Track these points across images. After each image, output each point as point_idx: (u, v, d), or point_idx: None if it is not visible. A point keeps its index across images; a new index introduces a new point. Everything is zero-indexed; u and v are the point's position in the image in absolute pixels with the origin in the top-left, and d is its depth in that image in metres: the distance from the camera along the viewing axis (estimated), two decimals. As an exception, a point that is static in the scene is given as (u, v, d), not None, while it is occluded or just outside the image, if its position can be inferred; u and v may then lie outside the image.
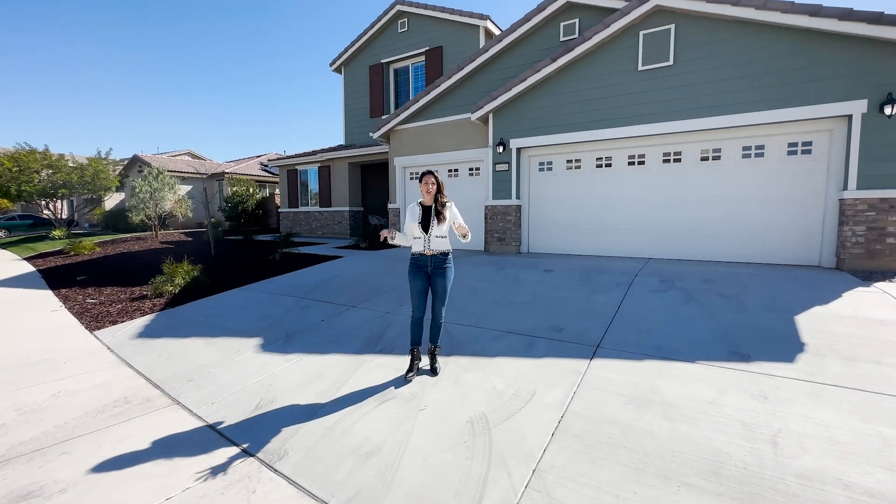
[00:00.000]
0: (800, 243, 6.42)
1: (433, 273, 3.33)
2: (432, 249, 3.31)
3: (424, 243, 3.32)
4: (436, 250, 3.31)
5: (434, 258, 3.32)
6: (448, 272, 3.35)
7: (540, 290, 5.52)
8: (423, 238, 3.32)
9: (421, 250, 3.34)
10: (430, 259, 3.33)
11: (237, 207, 18.97)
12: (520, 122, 8.26)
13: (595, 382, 3.09)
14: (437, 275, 3.33)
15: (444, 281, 3.33)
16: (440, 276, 3.32)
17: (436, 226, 3.29)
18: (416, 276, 3.37)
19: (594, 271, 6.33)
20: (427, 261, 3.34)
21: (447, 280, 3.34)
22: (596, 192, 7.96)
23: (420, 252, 3.35)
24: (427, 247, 3.31)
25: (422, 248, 3.33)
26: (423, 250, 3.33)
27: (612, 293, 5.17)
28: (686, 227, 7.22)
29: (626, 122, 7.26)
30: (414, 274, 3.38)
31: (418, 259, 3.36)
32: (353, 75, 13.85)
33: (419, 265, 3.36)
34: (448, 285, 3.37)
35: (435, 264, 3.33)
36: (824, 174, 6.19)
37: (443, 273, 3.32)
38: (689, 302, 4.68)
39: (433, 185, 3.36)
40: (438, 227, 3.30)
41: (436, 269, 3.32)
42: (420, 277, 3.36)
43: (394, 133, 10.45)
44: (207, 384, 3.49)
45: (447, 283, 3.35)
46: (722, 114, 6.54)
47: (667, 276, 5.84)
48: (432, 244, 3.30)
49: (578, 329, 4.12)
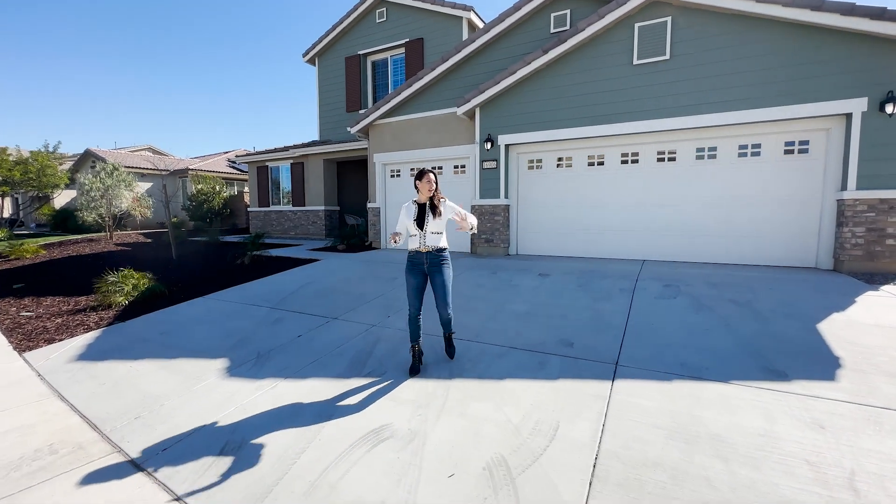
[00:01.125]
0: (796, 244, 6.28)
1: (430, 270, 3.29)
2: (428, 245, 3.27)
3: (420, 240, 3.28)
4: (431, 246, 3.27)
5: (430, 255, 3.28)
6: (445, 269, 3.31)
7: (539, 297, 5.10)
8: (418, 235, 3.29)
9: (416, 247, 3.30)
10: (425, 256, 3.28)
11: (202, 206, 17.79)
12: (509, 117, 7.85)
13: (625, 411, 2.67)
14: (434, 272, 3.28)
15: (442, 278, 3.28)
16: (438, 274, 3.28)
17: (431, 221, 3.27)
18: (412, 273, 3.33)
19: (592, 275, 5.98)
20: (423, 258, 3.29)
21: (445, 277, 3.29)
22: (588, 191, 7.64)
23: (416, 249, 3.31)
24: (423, 243, 3.28)
25: (417, 245, 3.30)
26: (419, 247, 3.29)
27: (616, 300, 4.80)
28: (681, 228, 6.99)
29: (620, 119, 6.96)
30: (409, 271, 3.34)
31: (414, 257, 3.33)
32: (328, 67, 13.11)
33: (415, 263, 3.32)
34: (448, 282, 3.31)
35: (431, 261, 3.28)
36: (822, 174, 6.06)
37: (440, 270, 3.28)
38: (701, 310, 4.35)
39: (434, 182, 3.30)
40: (434, 223, 3.27)
41: (432, 266, 3.28)
42: (416, 275, 3.32)
43: (373, 128, 9.85)
44: (159, 423, 2.86)
45: (446, 281, 3.29)
46: (719, 111, 6.32)
47: (669, 280, 5.54)
48: (428, 240, 3.27)
49: (590, 343, 3.71)
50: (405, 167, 9.66)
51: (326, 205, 12.91)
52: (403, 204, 3.44)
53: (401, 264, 7.56)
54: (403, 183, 9.71)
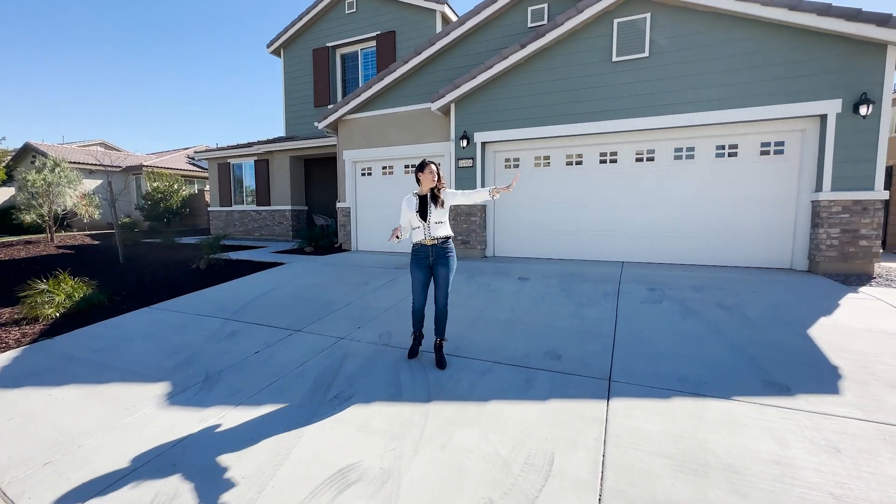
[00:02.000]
0: (772, 246, 6.27)
1: (435, 263, 3.26)
2: (433, 237, 3.24)
3: (425, 231, 3.25)
4: (437, 237, 3.24)
5: (435, 247, 3.26)
6: (451, 261, 3.29)
7: (520, 303, 4.80)
8: (422, 227, 3.25)
9: (421, 239, 3.27)
10: (431, 249, 3.26)
11: (158, 206, 16.66)
12: (485, 113, 7.55)
13: (625, 437, 2.38)
14: (439, 264, 3.26)
15: (446, 270, 3.26)
16: (443, 266, 3.26)
17: (434, 210, 3.24)
18: (418, 267, 3.31)
19: (573, 278, 5.75)
20: (428, 251, 3.26)
21: (450, 269, 3.28)
22: (566, 191, 7.45)
23: (420, 242, 3.28)
24: (428, 234, 3.24)
25: (422, 237, 3.26)
26: (424, 239, 3.26)
27: (601, 305, 4.57)
28: (659, 229, 6.89)
29: (599, 117, 6.78)
30: (415, 265, 3.31)
31: (419, 250, 3.30)
32: (294, 59, 12.44)
33: (420, 256, 3.29)
34: (451, 275, 3.30)
35: (437, 253, 3.26)
36: (796, 175, 6.07)
37: (445, 262, 3.26)
38: (688, 315, 4.17)
39: (435, 173, 3.25)
40: (437, 212, 3.24)
41: (438, 258, 3.26)
42: (421, 269, 3.30)
43: (343, 123, 9.33)
44: (74, 469, 2.35)
45: (450, 273, 3.28)
46: (697, 111, 6.23)
47: (652, 283, 5.38)
48: (433, 231, 3.24)
49: (579, 355, 3.43)
50: (377, 165, 9.21)
51: (293, 204, 12.25)
52: (403, 200, 3.34)
53: (372, 268, 7.15)
54: (375, 182, 9.25)
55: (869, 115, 5.35)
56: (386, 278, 6.22)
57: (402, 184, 8.91)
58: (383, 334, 4.07)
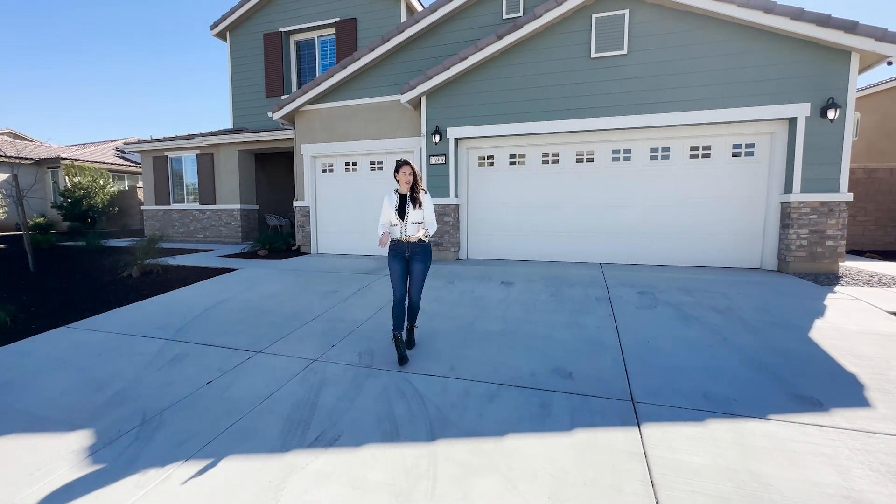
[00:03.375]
0: (743, 246, 6.37)
1: (412, 258, 3.38)
2: (408, 236, 3.35)
3: (401, 230, 3.38)
4: (412, 236, 3.34)
5: (411, 244, 3.36)
6: (426, 258, 3.41)
7: (512, 311, 4.42)
8: (399, 225, 3.38)
9: (398, 236, 3.39)
10: (407, 245, 3.37)
11: (80, 204, 14.72)
12: (459, 108, 7.13)
13: (674, 476, 2.04)
14: (415, 259, 3.38)
15: (421, 265, 3.39)
16: (418, 261, 3.38)
17: (412, 211, 3.36)
18: (395, 260, 3.41)
19: (558, 283, 5.47)
20: (404, 247, 3.38)
21: (425, 265, 3.41)
22: (542, 191, 7.20)
23: (398, 239, 3.39)
24: (403, 233, 3.37)
25: (399, 235, 3.39)
26: (401, 237, 3.38)
27: (597, 312, 4.29)
28: (634, 230, 6.82)
29: (577, 115, 6.59)
30: (393, 259, 3.42)
31: (396, 245, 3.40)
32: (242, 44, 11.36)
33: (397, 251, 3.40)
34: (425, 271, 3.45)
35: (412, 250, 3.37)
36: (766, 177, 6.19)
37: (421, 258, 3.38)
38: (688, 321, 3.99)
39: (410, 174, 3.36)
40: (414, 213, 3.36)
41: (414, 254, 3.37)
42: (399, 261, 3.40)
43: (300, 115, 8.54)
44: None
45: (425, 268, 3.43)
46: (672, 111, 6.19)
47: (638, 285, 5.21)
48: (409, 230, 3.36)
49: (591, 371, 3.09)
50: (339, 161, 8.51)
51: (243, 203, 11.18)
52: (385, 196, 3.46)
53: (339, 273, 6.47)
54: (337, 179, 8.55)
55: (835, 118, 5.51)
56: (357, 285, 5.63)
57: (368, 181, 8.30)
58: (364, 353, 3.52)
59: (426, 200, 3.40)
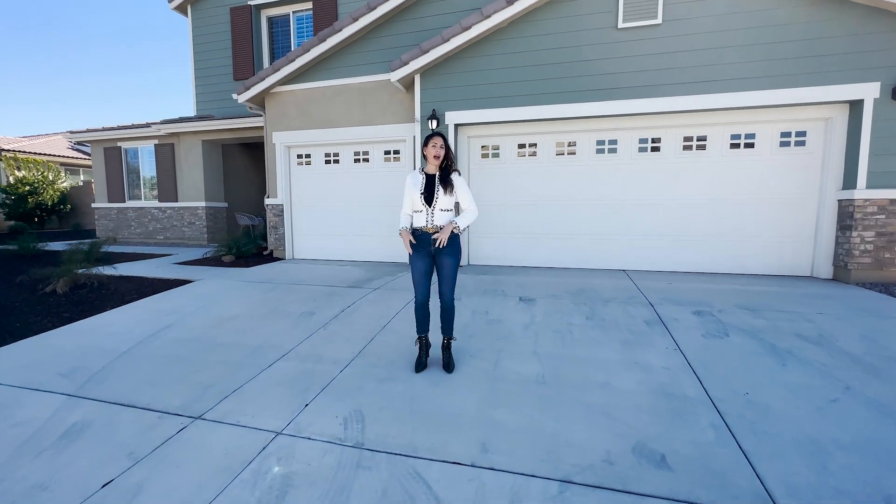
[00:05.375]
0: (790, 250, 5.52)
1: (438, 252, 2.83)
2: (436, 225, 2.84)
3: (427, 217, 2.84)
4: (440, 226, 2.82)
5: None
6: (456, 250, 2.86)
7: (543, 342, 3.40)
8: (425, 211, 2.84)
9: (423, 225, 2.85)
10: (433, 237, 2.79)
11: (25, 201, 13.10)
12: (459, 88, 6.06)
13: None
14: (444, 253, 2.82)
15: (452, 260, 2.85)
16: (448, 255, 2.83)
17: (441, 196, 2.81)
18: (418, 255, 2.88)
19: (587, 298, 4.49)
20: (430, 238, 2.82)
21: (455, 259, 2.87)
22: (556, 186, 6.21)
23: (422, 228, 2.85)
24: (430, 221, 2.84)
25: (424, 223, 2.85)
26: (426, 225, 2.84)
27: (655, 343, 3.32)
28: (663, 232, 5.89)
29: (598, 97, 5.61)
30: (416, 253, 2.87)
31: (420, 236, 2.85)
32: (206, 19, 10.00)
33: (421, 243, 2.84)
34: (457, 265, 2.89)
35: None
36: (819, 170, 5.33)
37: (451, 251, 2.83)
38: (781, 358, 3.04)
39: (441, 147, 2.80)
40: (444, 199, 2.82)
41: (441, 247, 2.78)
42: (422, 257, 2.87)
43: (271, 97, 7.33)
44: None
45: (455, 262, 2.88)
46: (712, 91, 5.27)
47: (687, 302, 4.27)
48: (436, 219, 2.84)
49: (691, 452, 2.09)
50: (317, 151, 7.34)
51: (208, 200, 9.88)
52: (408, 175, 2.97)
53: (319, 286, 5.25)
54: (315, 172, 7.38)
55: (911, 101, 4.67)
56: (340, 303, 4.52)
57: (352, 175, 7.16)
58: (351, 419, 2.44)
59: (460, 183, 2.85)
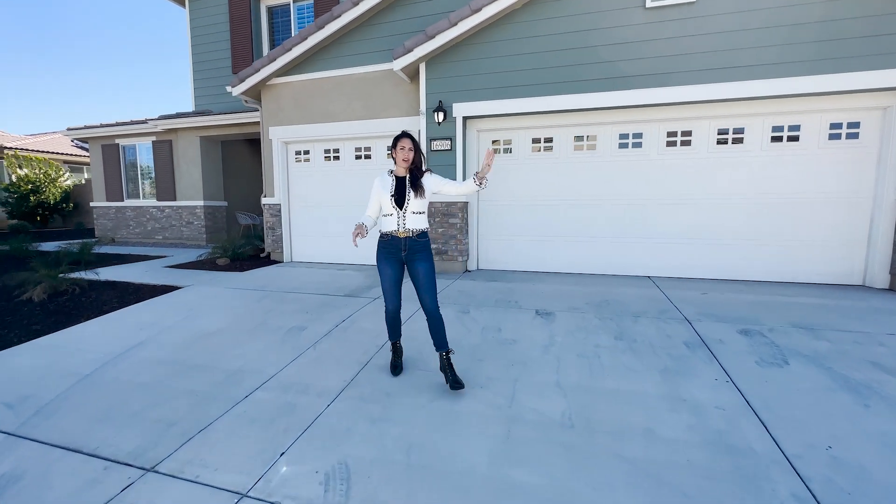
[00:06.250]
0: (838, 255, 4.92)
1: (411, 258, 2.66)
2: (407, 229, 2.64)
3: (398, 221, 2.64)
4: (412, 229, 2.65)
5: (410, 240, 2.65)
6: (429, 254, 2.69)
7: (567, 371, 2.90)
8: (395, 214, 2.65)
9: (392, 230, 2.66)
10: (404, 242, 2.64)
11: (27, 199, 12.91)
12: (468, 77, 5.55)
13: None
14: (417, 260, 2.65)
15: (427, 266, 2.65)
16: (421, 261, 2.65)
17: (412, 199, 2.63)
18: (388, 262, 2.69)
19: (613, 311, 3.97)
20: (401, 244, 2.65)
21: (430, 263, 2.67)
22: (574, 184, 5.68)
23: (390, 232, 2.67)
24: (401, 226, 2.64)
25: (394, 227, 2.65)
26: (396, 230, 2.65)
27: (700, 372, 2.79)
28: (693, 235, 5.34)
29: (623, 85, 5.06)
30: (385, 260, 2.70)
31: (390, 242, 2.67)
32: (204, 10, 9.59)
33: (391, 249, 2.67)
34: (433, 269, 2.67)
35: (410, 247, 2.65)
36: (874, 166, 4.73)
37: (424, 256, 2.66)
38: (861, 395, 2.49)
39: (410, 150, 2.62)
40: (416, 201, 2.64)
41: (413, 253, 2.65)
42: (392, 264, 2.69)
43: (268, 90, 6.89)
44: None
45: (431, 267, 2.67)
46: (752, 78, 4.69)
47: (729, 317, 3.72)
48: (408, 222, 2.64)
49: (773, 539, 1.58)
50: (317, 147, 6.88)
51: (207, 199, 9.51)
52: (376, 177, 2.75)
53: (313, 295, 4.67)
54: (314, 169, 6.93)
55: None
56: (335, 316, 4.06)
57: (353, 173, 6.69)
58: (335, 474, 1.96)
59: (432, 180, 2.69)
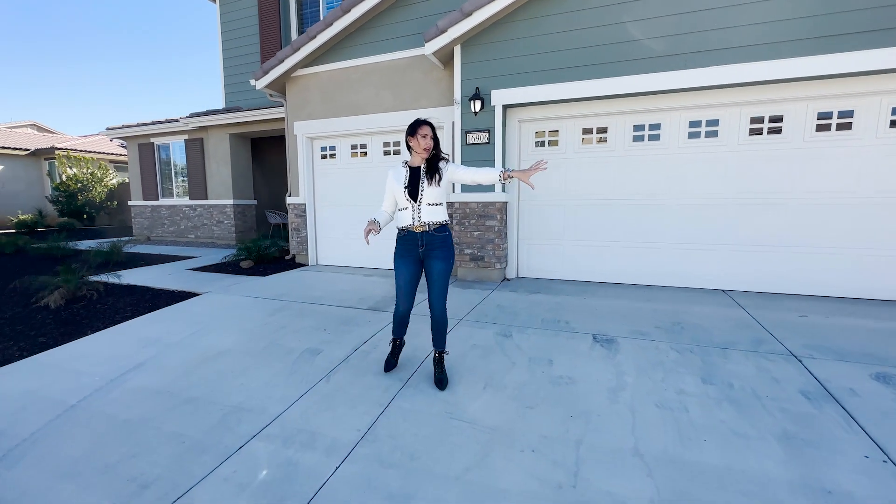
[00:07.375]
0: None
1: (428, 254, 2.48)
2: (423, 222, 2.46)
3: (413, 214, 2.48)
4: (428, 222, 2.46)
5: (426, 234, 2.47)
6: (447, 253, 2.49)
7: (645, 429, 2.22)
8: (410, 208, 2.48)
9: (408, 224, 2.49)
10: (420, 236, 2.47)
11: (74, 198, 13.38)
12: (509, 60, 4.88)
13: None
14: (433, 256, 2.46)
15: (442, 265, 2.47)
16: (438, 258, 2.46)
17: (427, 189, 2.44)
18: (404, 259, 2.53)
19: (690, 337, 3.21)
20: (417, 238, 2.48)
21: (447, 263, 2.48)
22: (632, 181, 4.89)
23: (407, 227, 2.50)
24: (416, 219, 2.47)
25: (410, 222, 2.49)
26: (412, 224, 2.48)
27: (840, 445, 2.04)
28: (780, 240, 4.44)
29: (695, 63, 4.23)
30: (401, 256, 2.54)
31: (406, 237, 2.52)
32: (233, 3, 9.38)
33: (408, 245, 2.52)
34: (449, 270, 2.50)
35: (428, 242, 2.47)
36: None
37: (441, 253, 2.46)
38: None
39: (431, 138, 2.41)
40: (431, 191, 2.45)
41: (431, 248, 2.46)
42: (408, 262, 2.52)
43: (292, 82, 6.49)
44: None
45: (447, 267, 2.48)
46: (869, 47, 3.74)
47: (848, 351, 2.89)
48: (423, 215, 2.46)
49: None
50: (343, 143, 6.42)
51: (237, 198, 9.34)
52: (389, 169, 2.58)
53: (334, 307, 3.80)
54: (340, 166, 6.48)
55: None
56: (354, 337, 3.54)
57: (381, 170, 6.17)
58: None
59: (454, 166, 2.49)
